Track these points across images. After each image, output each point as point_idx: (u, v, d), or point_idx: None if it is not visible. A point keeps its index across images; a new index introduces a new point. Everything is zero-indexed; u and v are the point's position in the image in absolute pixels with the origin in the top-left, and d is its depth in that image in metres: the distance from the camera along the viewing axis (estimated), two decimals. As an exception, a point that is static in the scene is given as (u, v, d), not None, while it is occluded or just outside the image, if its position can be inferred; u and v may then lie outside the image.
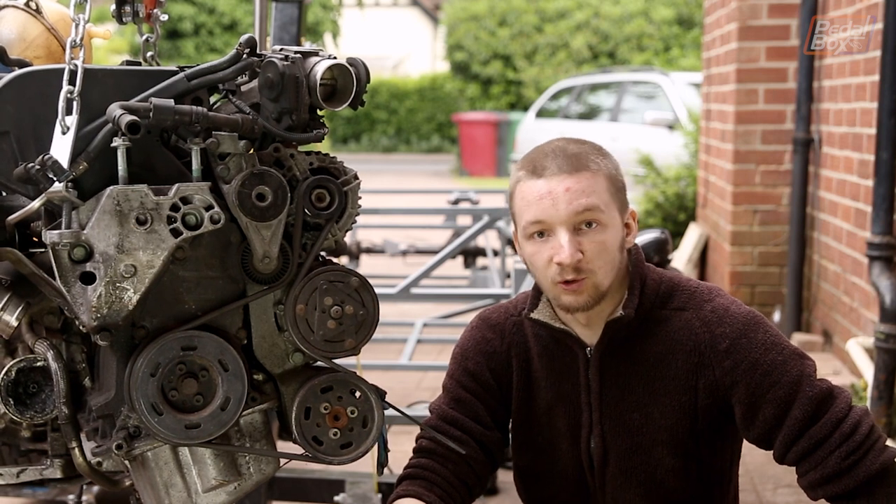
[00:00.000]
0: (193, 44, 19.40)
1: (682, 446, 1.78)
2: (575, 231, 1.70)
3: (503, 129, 17.07)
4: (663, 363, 1.77)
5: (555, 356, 1.84)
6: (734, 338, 1.74)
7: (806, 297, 5.02)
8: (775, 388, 1.70)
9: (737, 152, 5.38)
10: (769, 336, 1.74)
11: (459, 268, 6.65)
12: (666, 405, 1.77)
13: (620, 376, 1.79)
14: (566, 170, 1.71)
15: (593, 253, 1.70)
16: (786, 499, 3.50)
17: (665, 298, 1.80)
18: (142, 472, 1.54)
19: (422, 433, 1.87)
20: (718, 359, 1.74)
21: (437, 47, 25.26)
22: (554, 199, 1.70)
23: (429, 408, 1.92)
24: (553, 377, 1.84)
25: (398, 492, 1.80)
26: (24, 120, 1.47)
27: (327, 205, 1.54)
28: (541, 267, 1.74)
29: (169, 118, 1.42)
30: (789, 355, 1.73)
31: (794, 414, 1.69)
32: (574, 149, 1.75)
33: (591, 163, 1.73)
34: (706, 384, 1.75)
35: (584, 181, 1.71)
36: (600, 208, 1.71)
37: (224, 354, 1.48)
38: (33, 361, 1.59)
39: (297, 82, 1.47)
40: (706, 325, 1.75)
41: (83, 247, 1.39)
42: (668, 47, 18.00)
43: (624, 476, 1.81)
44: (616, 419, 1.80)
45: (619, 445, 1.80)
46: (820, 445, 1.69)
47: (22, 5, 1.94)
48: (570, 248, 1.68)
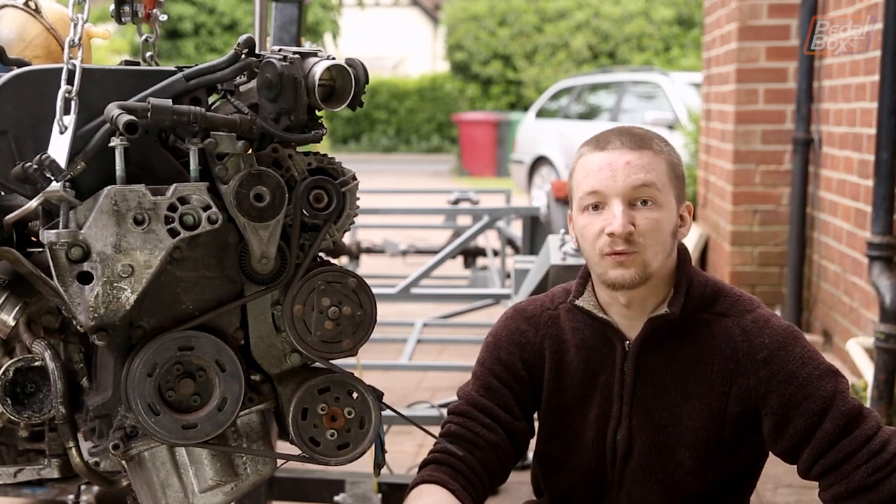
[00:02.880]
0: (193, 44, 19.41)
1: (705, 450, 1.78)
2: (630, 205, 1.72)
3: (503, 129, 17.08)
4: (699, 366, 1.78)
5: (592, 347, 1.84)
6: (773, 349, 1.75)
7: (806, 297, 5.02)
8: (808, 402, 1.71)
9: (737, 152, 5.38)
10: (806, 351, 1.76)
11: (459, 268, 6.65)
12: (696, 408, 1.77)
13: (656, 373, 1.80)
14: (629, 145, 1.75)
15: (645, 229, 1.71)
16: (786, 499, 3.50)
17: (709, 302, 1.81)
18: (139, 472, 1.54)
19: (449, 418, 1.87)
20: (755, 368, 1.75)
21: (437, 47, 25.27)
22: (613, 171, 1.73)
23: (457, 393, 1.92)
24: (589, 368, 1.84)
25: (422, 475, 1.79)
26: (23, 119, 1.47)
27: (325, 205, 1.53)
28: (591, 238, 1.75)
29: (167, 118, 1.42)
30: (825, 371, 1.74)
31: (826, 427, 1.70)
32: (640, 131, 1.80)
33: (654, 144, 1.77)
34: (738, 392, 1.76)
35: (645, 158, 1.74)
36: (657, 187, 1.73)
37: (221, 355, 1.48)
38: (31, 361, 1.59)
39: (296, 83, 1.47)
40: (746, 334, 1.77)
41: (80, 246, 1.39)
42: (668, 47, 18.00)
43: (644, 472, 1.81)
44: (645, 415, 1.80)
45: (644, 441, 1.80)
46: (847, 459, 1.69)
47: (21, 5, 1.94)
48: (623, 218, 1.70)
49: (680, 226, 1.79)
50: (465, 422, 1.83)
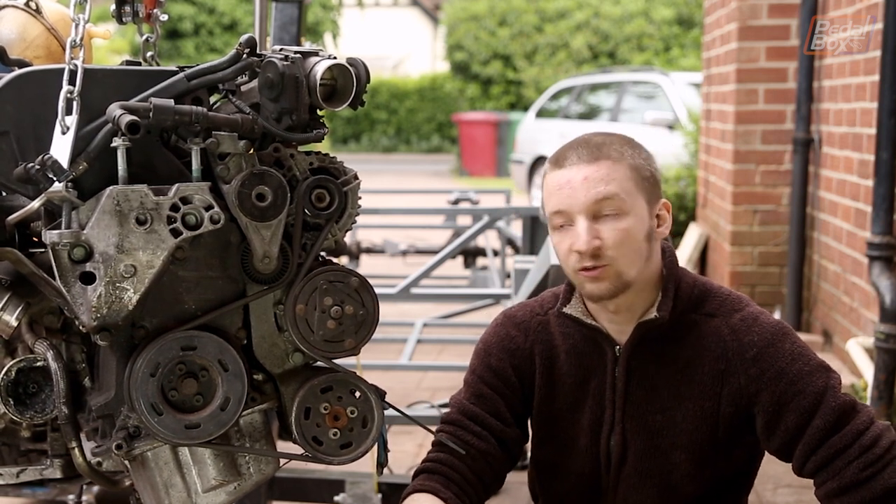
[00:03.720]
0: (193, 44, 19.40)
1: (700, 452, 1.78)
2: (594, 219, 1.71)
3: (503, 129, 17.07)
4: (690, 368, 1.77)
5: (583, 353, 1.84)
6: (762, 346, 1.74)
7: (806, 297, 5.02)
8: (799, 398, 1.71)
9: (737, 152, 5.38)
10: (796, 347, 1.75)
11: (459, 268, 6.65)
12: (689, 410, 1.77)
13: (647, 377, 1.79)
14: (585, 159, 1.73)
15: (613, 241, 1.70)
16: (786, 499, 3.50)
17: (697, 303, 1.80)
18: (141, 472, 1.54)
19: (441, 427, 1.87)
20: (745, 366, 1.74)
21: (437, 47, 25.26)
22: (572, 188, 1.72)
23: (449, 401, 1.93)
24: (580, 374, 1.84)
25: (415, 485, 1.80)
26: (24, 120, 1.47)
27: (327, 205, 1.54)
28: (563, 256, 1.76)
29: (169, 118, 1.42)
30: (815, 367, 1.74)
31: (816, 423, 1.70)
32: (598, 140, 1.77)
33: (613, 152, 1.74)
34: (730, 391, 1.75)
35: (603, 169, 1.72)
36: (620, 196, 1.71)
37: (224, 354, 1.48)
38: (33, 361, 1.59)
39: (297, 82, 1.47)
40: (734, 333, 1.76)
41: (83, 247, 1.39)
42: (668, 47, 18.00)
43: (639, 477, 1.81)
44: (638, 419, 1.80)
45: (638, 446, 1.80)
46: (839, 455, 1.68)
47: (22, 5, 1.94)
48: (586, 235, 1.70)
49: (657, 226, 1.78)
50: (456, 430, 1.83)
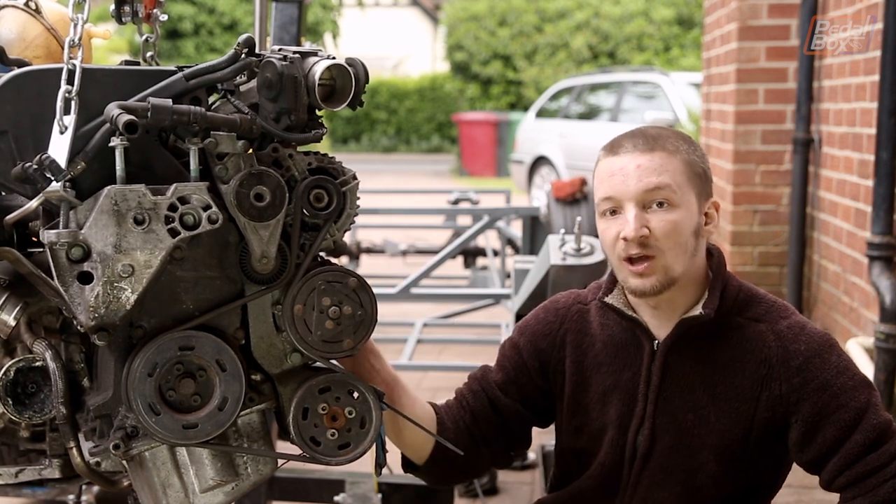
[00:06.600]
0: (193, 44, 19.41)
1: (729, 454, 1.77)
2: (644, 208, 1.71)
3: (503, 129, 17.08)
4: (729, 369, 1.76)
5: (620, 344, 1.84)
6: (808, 356, 1.73)
7: (806, 297, 5.02)
8: (841, 412, 1.70)
9: (737, 152, 5.38)
10: (842, 360, 1.74)
11: (459, 268, 6.66)
12: (723, 410, 1.76)
13: (683, 375, 1.79)
14: (640, 148, 1.73)
15: (661, 232, 1.70)
16: (786, 499, 3.50)
17: (742, 306, 1.80)
18: (139, 472, 1.54)
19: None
20: (789, 374, 1.73)
21: (437, 47, 25.27)
22: (625, 175, 1.72)
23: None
24: (615, 364, 1.84)
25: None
26: (23, 119, 1.47)
27: (326, 205, 1.53)
28: (609, 244, 1.76)
29: (167, 118, 1.42)
30: (859, 382, 1.73)
31: (856, 438, 1.69)
32: (654, 132, 1.78)
33: (668, 144, 1.74)
34: (769, 397, 1.74)
35: (657, 160, 1.72)
36: (672, 188, 1.71)
37: (222, 354, 1.48)
38: (32, 361, 1.59)
39: (296, 82, 1.47)
40: (780, 340, 1.75)
41: (81, 246, 1.39)
42: (668, 47, 18.01)
43: (663, 474, 1.80)
44: (669, 416, 1.79)
45: (666, 442, 1.79)
46: (874, 473, 1.67)
47: (21, 5, 1.94)
48: (635, 222, 1.70)
49: (705, 224, 1.77)
50: (466, 385, 1.94)
